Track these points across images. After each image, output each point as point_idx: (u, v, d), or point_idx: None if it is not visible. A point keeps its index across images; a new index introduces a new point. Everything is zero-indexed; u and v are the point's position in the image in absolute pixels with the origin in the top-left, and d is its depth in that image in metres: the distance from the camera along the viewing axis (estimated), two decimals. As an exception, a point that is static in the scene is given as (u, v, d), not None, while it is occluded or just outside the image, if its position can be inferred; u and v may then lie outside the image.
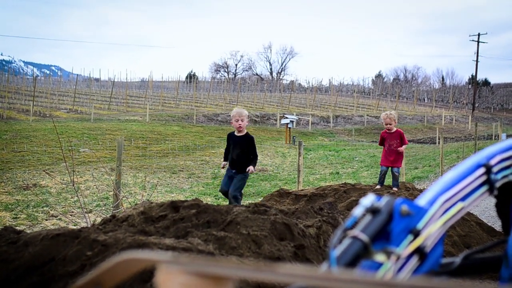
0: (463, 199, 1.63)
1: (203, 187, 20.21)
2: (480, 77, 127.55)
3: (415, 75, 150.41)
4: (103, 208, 14.50)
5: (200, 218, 4.72)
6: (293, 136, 40.20)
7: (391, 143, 10.26)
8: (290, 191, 9.42)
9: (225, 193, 9.74)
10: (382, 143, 10.59)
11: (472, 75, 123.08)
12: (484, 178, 1.70)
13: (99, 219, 10.70)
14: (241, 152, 9.61)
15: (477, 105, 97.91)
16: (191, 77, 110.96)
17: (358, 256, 1.35)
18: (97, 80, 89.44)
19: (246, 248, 4.30)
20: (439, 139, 43.00)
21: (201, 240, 4.26)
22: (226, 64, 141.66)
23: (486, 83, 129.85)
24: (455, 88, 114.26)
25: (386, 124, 10.33)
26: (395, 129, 10.41)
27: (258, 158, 10.02)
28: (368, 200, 1.44)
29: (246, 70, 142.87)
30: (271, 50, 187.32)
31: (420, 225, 1.46)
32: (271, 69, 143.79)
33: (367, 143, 45.79)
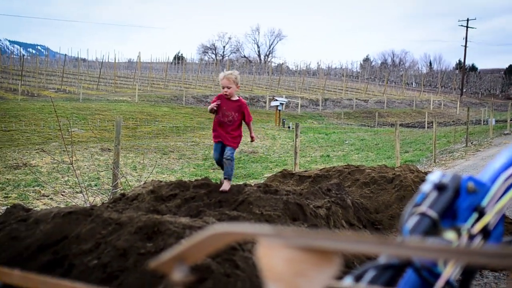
0: None
1: (194, 168, 20.16)
2: (467, 62, 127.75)
3: (403, 59, 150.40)
4: (94, 188, 14.41)
5: (211, 197, 4.67)
6: (283, 119, 40.15)
7: (227, 114, 7.19)
8: (294, 172, 9.34)
9: None
10: (214, 110, 7.32)
11: (459, 60, 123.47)
12: None
13: (92, 199, 10.62)
14: None
15: (464, 90, 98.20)
16: (178, 58, 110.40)
17: (427, 233, 1.31)
18: (84, 60, 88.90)
19: (260, 228, 4.24)
20: (428, 123, 43.21)
21: (215, 220, 4.21)
22: (214, 46, 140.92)
23: (473, 68, 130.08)
24: (443, 73, 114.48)
25: (223, 87, 7.27)
26: (237, 97, 7.42)
27: (248, 139, 8.32)
28: (435, 175, 1.41)
29: (234, 52, 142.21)
30: (259, 33, 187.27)
31: (484, 203, 1.41)
32: (259, 51, 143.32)
33: (356, 126, 45.91)
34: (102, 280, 3.33)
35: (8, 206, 4.64)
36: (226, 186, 6.32)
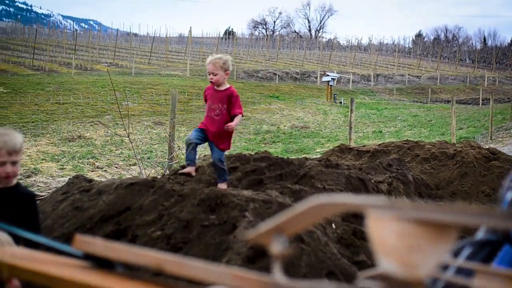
0: None
1: (245, 142, 20.19)
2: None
3: (456, 35, 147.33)
4: (148, 160, 14.54)
5: (272, 170, 4.64)
6: (334, 94, 39.92)
7: (213, 107, 6.09)
8: (352, 146, 9.24)
9: None
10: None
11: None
12: None
13: (148, 172, 10.72)
14: None
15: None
16: (229, 33, 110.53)
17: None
18: (136, 35, 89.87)
19: (322, 203, 4.19)
20: (482, 100, 42.38)
21: (277, 193, 4.18)
22: (265, 21, 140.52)
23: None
24: (498, 49, 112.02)
25: (209, 74, 6.26)
26: (227, 85, 6.29)
27: (299, 115, 7.84)
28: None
29: (284, 27, 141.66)
30: (309, 8, 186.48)
31: None
32: (309, 26, 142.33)
33: (408, 102, 45.35)
34: (166, 251, 3.33)
35: (70, 177, 4.70)
36: (223, 186, 5.27)
